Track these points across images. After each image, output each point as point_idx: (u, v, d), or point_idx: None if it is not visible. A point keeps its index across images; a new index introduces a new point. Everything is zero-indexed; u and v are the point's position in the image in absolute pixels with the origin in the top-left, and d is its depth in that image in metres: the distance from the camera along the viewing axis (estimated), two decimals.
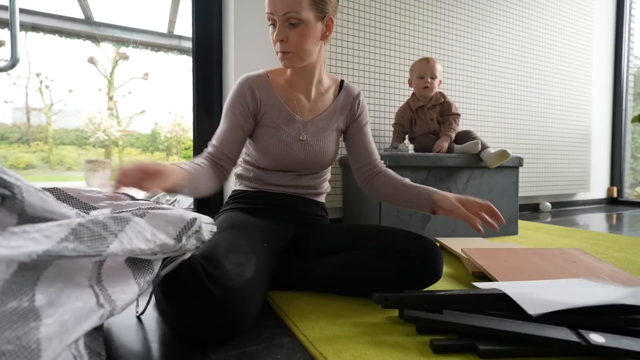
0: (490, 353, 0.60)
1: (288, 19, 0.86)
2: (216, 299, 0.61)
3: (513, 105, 2.44)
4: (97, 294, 0.47)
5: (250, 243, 0.78)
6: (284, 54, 0.91)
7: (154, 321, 0.76)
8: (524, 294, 0.72)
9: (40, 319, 0.37)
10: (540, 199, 2.70)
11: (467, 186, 1.61)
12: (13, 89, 1.85)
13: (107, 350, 0.63)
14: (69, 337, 0.40)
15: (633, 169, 3.18)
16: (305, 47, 0.90)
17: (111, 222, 0.48)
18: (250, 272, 0.69)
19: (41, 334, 0.36)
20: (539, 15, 2.52)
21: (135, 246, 0.49)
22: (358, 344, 0.65)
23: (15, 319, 0.35)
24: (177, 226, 0.57)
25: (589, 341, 0.59)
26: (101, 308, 0.46)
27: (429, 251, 0.83)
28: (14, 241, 0.37)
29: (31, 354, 0.35)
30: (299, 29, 0.87)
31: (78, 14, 1.97)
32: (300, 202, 1.05)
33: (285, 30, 0.88)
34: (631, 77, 3.09)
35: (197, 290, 0.61)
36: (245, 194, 1.04)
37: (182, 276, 0.62)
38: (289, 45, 0.89)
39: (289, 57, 0.91)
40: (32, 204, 0.43)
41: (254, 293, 0.67)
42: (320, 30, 0.92)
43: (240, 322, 0.64)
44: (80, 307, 0.43)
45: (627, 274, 1.00)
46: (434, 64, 1.69)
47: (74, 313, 0.41)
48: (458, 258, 1.26)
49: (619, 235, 1.70)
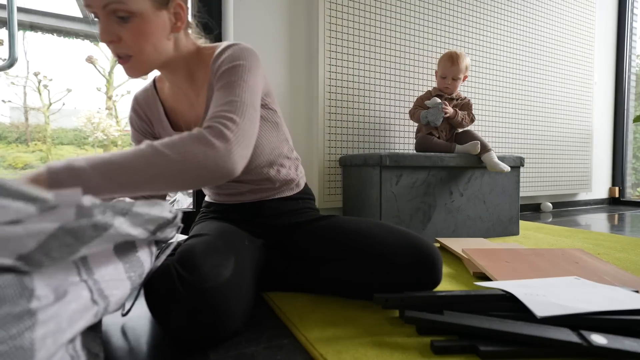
0: (491, 354, 0.59)
1: (113, 12, 0.66)
2: (191, 305, 0.59)
3: (514, 105, 2.44)
4: (91, 289, 0.46)
5: (228, 243, 0.73)
6: (122, 61, 0.71)
7: (152, 322, 0.76)
8: (529, 296, 0.71)
9: (35, 318, 0.37)
10: (542, 199, 2.69)
11: (467, 186, 1.60)
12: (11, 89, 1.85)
13: (105, 352, 0.63)
14: (63, 335, 0.39)
15: (635, 169, 3.17)
16: (147, 47, 0.70)
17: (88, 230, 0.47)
18: (228, 271, 0.65)
19: (35, 334, 0.36)
20: (540, 15, 2.51)
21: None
22: (358, 344, 0.64)
23: (9, 319, 0.35)
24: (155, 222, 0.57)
25: (591, 342, 0.58)
26: (95, 305, 0.46)
27: (428, 261, 0.77)
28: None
29: (25, 354, 0.35)
30: (132, 24, 0.67)
31: (76, 12, 1.97)
32: (266, 205, 0.94)
33: (113, 27, 0.67)
34: (633, 76, 3.08)
35: (172, 299, 0.60)
36: (212, 206, 0.98)
37: (156, 285, 0.61)
38: (124, 47, 0.69)
39: (132, 65, 0.71)
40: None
41: (235, 291, 0.65)
42: (168, 21, 0.72)
43: (223, 323, 0.62)
44: (75, 306, 0.42)
45: (629, 275, 0.99)
46: (458, 65, 1.68)
47: (69, 312, 0.41)
48: (459, 258, 1.25)
49: (620, 236, 1.69)
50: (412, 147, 2.03)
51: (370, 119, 1.90)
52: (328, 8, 1.73)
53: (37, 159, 1.87)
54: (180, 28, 0.75)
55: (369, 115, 1.89)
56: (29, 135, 1.95)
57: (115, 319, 0.76)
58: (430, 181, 1.53)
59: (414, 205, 1.50)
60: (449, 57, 1.71)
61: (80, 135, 2.09)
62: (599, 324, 0.65)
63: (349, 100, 1.83)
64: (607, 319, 0.65)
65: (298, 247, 0.91)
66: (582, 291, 0.76)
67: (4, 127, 1.88)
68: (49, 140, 2.00)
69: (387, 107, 1.95)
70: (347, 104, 1.82)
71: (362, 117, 1.87)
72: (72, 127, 2.08)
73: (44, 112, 1.96)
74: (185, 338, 0.62)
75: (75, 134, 2.09)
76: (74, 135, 2.08)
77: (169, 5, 0.72)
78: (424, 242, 0.79)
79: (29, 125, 1.94)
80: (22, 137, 1.93)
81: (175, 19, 0.74)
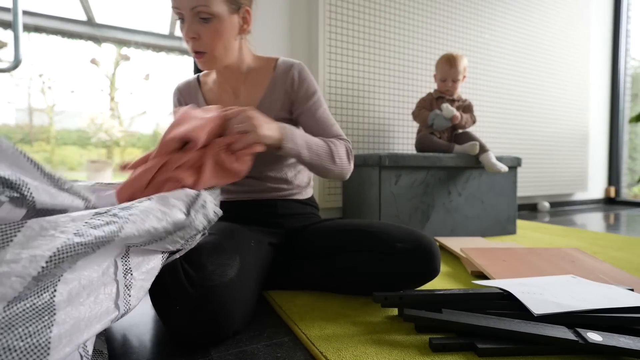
0: (489, 351, 0.60)
1: (197, 13, 0.78)
2: (196, 302, 0.61)
3: (511, 106, 2.45)
4: (119, 292, 0.47)
5: (234, 244, 0.76)
6: (198, 56, 0.83)
7: (155, 319, 0.77)
8: (526, 294, 0.73)
9: (54, 316, 0.37)
10: (539, 198, 2.71)
11: (465, 186, 1.62)
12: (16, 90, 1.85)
13: (109, 349, 0.64)
14: (79, 337, 0.40)
15: (630, 169, 3.20)
16: (220, 45, 0.82)
17: (119, 210, 0.49)
18: (233, 271, 0.68)
19: (52, 333, 0.37)
20: (536, 16, 2.53)
21: (150, 225, 0.50)
22: (358, 342, 0.65)
23: (31, 315, 0.36)
24: (183, 201, 0.59)
25: (587, 340, 0.60)
26: (116, 310, 0.46)
27: (427, 249, 0.81)
28: (32, 241, 0.38)
29: (40, 353, 0.35)
30: (211, 24, 0.79)
31: (80, 15, 1.98)
32: (279, 204, 0.98)
33: (196, 26, 0.79)
34: (628, 77, 3.10)
35: (177, 293, 0.61)
36: (224, 205, 1.00)
37: (162, 280, 0.63)
38: (202, 44, 0.81)
39: (206, 60, 0.84)
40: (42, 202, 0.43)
41: (239, 292, 0.67)
42: (237, 24, 0.85)
43: (224, 322, 0.63)
44: (97, 308, 0.43)
45: (625, 273, 1.01)
46: (456, 67, 1.70)
47: (89, 314, 0.42)
48: (457, 258, 1.27)
49: (616, 235, 1.71)
50: (412, 147, 2.04)
51: (369, 120, 1.91)
52: (328, 10, 1.74)
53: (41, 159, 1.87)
54: (245, 31, 0.88)
55: (368, 116, 1.91)
56: (33, 136, 1.95)
57: None
58: (429, 181, 1.55)
59: (412, 205, 1.51)
60: (447, 60, 1.72)
61: (83, 136, 2.09)
62: (595, 322, 0.66)
63: (349, 101, 1.84)
64: (603, 316, 0.66)
65: (305, 242, 0.93)
66: (578, 289, 0.77)
67: (9, 128, 1.88)
68: (52, 140, 2.00)
69: (386, 108, 1.96)
70: (346, 105, 1.83)
71: (362, 117, 1.89)
72: (75, 127, 2.08)
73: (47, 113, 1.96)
74: (186, 335, 0.63)
75: (78, 135, 2.09)
76: (78, 135, 2.09)
77: (240, 10, 0.84)
78: (423, 233, 0.84)
79: (33, 126, 1.94)
80: (27, 137, 1.93)
81: (243, 22, 0.87)
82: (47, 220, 0.40)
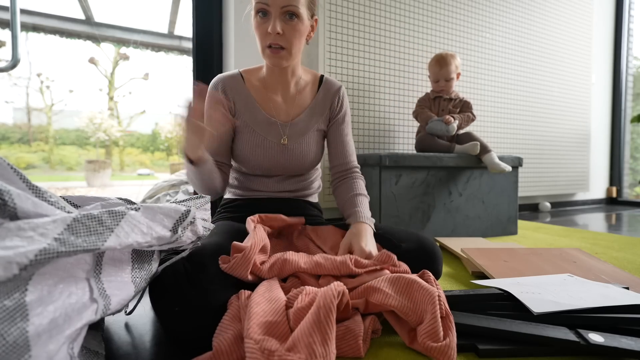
0: (489, 352, 0.60)
1: (286, 11, 0.84)
2: (196, 302, 0.60)
3: (513, 106, 2.45)
4: (92, 288, 0.47)
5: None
6: (275, 51, 0.87)
7: (154, 321, 0.76)
8: (525, 294, 0.72)
9: (27, 316, 0.37)
10: (540, 199, 2.70)
11: (466, 186, 1.61)
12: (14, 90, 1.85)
13: (106, 349, 0.63)
14: (59, 331, 0.40)
15: (632, 169, 3.19)
16: (298, 44, 0.89)
17: (106, 217, 0.47)
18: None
19: (29, 332, 0.36)
20: (538, 16, 2.52)
21: (133, 240, 0.49)
22: None
23: (3, 316, 0.35)
24: (172, 218, 0.58)
25: (588, 340, 0.59)
26: (94, 303, 0.46)
27: (430, 250, 0.83)
28: (9, 241, 0.37)
29: (19, 351, 0.35)
30: (295, 23, 0.85)
31: (79, 14, 1.98)
32: (291, 203, 1.02)
33: (281, 23, 0.85)
34: (630, 77, 3.09)
35: (178, 294, 0.60)
36: (234, 202, 1.02)
37: (164, 280, 0.62)
38: (284, 40, 0.86)
39: (283, 55, 0.88)
40: (25, 210, 0.42)
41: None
42: (308, 30, 0.92)
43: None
44: (72, 303, 0.42)
45: (627, 274, 1.00)
46: (447, 67, 1.70)
47: (65, 309, 0.41)
48: (458, 258, 1.26)
49: (618, 235, 1.70)
50: (412, 147, 2.04)
51: (369, 119, 1.91)
52: (328, 9, 1.74)
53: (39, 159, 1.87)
54: (311, 37, 0.96)
55: (369, 116, 1.90)
56: (31, 135, 1.95)
57: (117, 317, 0.77)
58: (429, 181, 1.54)
59: (413, 205, 1.51)
60: (437, 61, 1.73)
61: (82, 136, 2.09)
62: (596, 323, 0.66)
63: (349, 100, 1.83)
64: (604, 317, 0.66)
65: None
66: (576, 288, 0.77)
67: (7, 127, 1.88)
68: (51, 140, 2.00)
69: (386, 108, 1.96)
70: None
71: (362, 117, 1.88)
72: (74, 127, 2.09)
73: (46, 113, 1.96)
74: (183, 337, 0.62)
75: (77, 134, 2.09)
76: (76, 135, 2.09)
77: (312, 17, 0.92)
78: (426, 236, 0.88)
79: (31, 126, 1.94)
80: (25, 137, 1.94)
81: (311, 29, 0.94)
82: (26, 221, 0.40)
